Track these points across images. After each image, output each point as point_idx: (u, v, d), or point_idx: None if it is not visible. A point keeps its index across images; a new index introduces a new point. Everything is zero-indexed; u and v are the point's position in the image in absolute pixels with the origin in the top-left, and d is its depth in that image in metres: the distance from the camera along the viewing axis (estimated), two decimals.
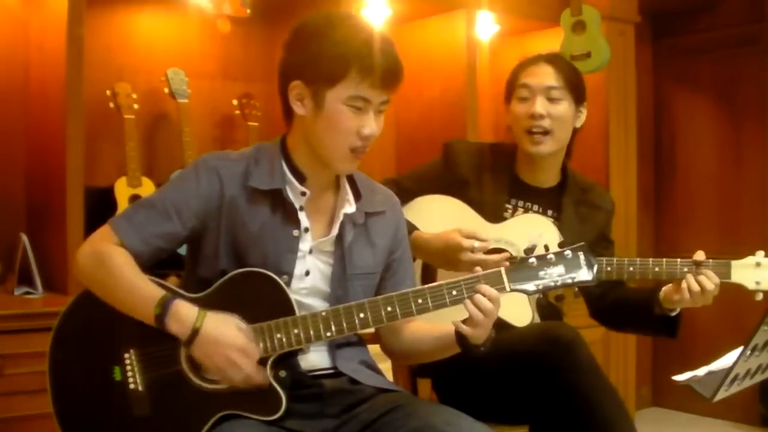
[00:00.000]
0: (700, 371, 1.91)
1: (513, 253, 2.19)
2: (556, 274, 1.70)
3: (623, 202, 3.92)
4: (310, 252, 1.77)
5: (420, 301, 1.68)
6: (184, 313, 1.64)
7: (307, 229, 1.77)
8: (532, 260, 1.71)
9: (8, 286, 2.70)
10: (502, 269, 1.71)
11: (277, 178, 1.75)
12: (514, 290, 1.70)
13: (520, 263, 1.71)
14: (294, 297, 1.70)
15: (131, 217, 1.74)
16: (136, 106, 2.95)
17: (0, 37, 2.89)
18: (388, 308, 1.68)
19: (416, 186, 2.32)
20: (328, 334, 1.67)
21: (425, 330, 1.87)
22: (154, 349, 1.67)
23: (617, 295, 2.28)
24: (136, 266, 1.69)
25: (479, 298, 1.66)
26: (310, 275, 1.77)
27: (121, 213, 1.78)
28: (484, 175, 2.32)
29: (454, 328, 1.71)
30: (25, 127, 2.90)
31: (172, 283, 1.73)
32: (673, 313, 2.14)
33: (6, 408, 2.35)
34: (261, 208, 1.75)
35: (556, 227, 2.21)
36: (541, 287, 1.71)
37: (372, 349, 1.93)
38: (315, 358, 1.77)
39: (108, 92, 2.93)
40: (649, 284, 2.21)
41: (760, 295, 2.08)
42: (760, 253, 2.08)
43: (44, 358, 1.72)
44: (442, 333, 1.79)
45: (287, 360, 1.68)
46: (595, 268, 1.71)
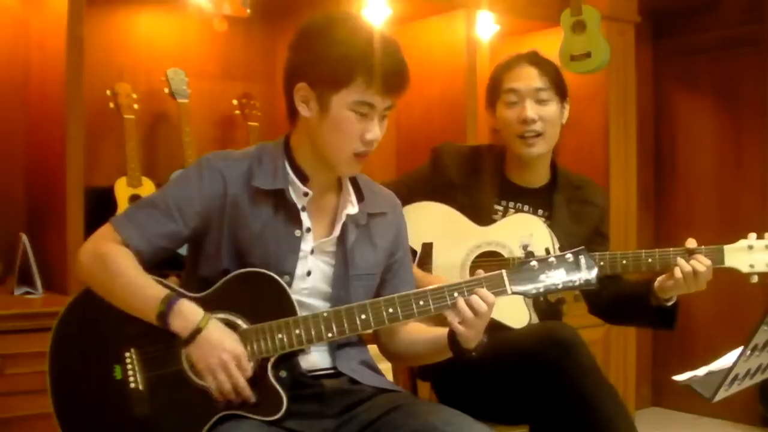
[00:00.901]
0: (700, 371, 1.90)
1: (505, 255, 2.19)
2: (558, 277, 1.71)
3: (623, 202, 3.92)
4: (312, 252, 1.77)
5: (422, 302, 1.68)
6: (190, 311, 1.64)
7: (309, 230, 1.77)
8: (534, 263, 1.71)
9: (8, 286, 2.69)
10: (504, 272, 1.70)
11: (280, 178, 1.75)
12: (516, 293, 1.70)
13: (521, 266, 1.72)
14: (295, 297, 1.70)
15: (134, 216, 1.74)
16: (136, 106, 2.95)
17: (0, 37, 2.89)
18: (390, 309, 1.68)
19: (406, 191, 2.29)
20: (330, 335, 1.67)
21: (420, 332, 1.87)
22: (155, 348, 1.67)
23: (614, 290, 2.27)
24: (139, 265, 1.69)
25: (475, 299, 1.66)
26: (312, 275, 1.77)
27: (124, 212, 1.78)
28: (472, 178, 2.32)
29: (447, 332, 1.71)
30: (25, 127, 2.90)
31: (172, 283, 1.73)
32: (670, 303, 2.13)
33: (6, 408, 2.35)
34: (263, 208, 1.74)
35: (547, 226, 2.22)
36: (542, 290, 1.71)
37: (372, 349, 1.93)
38: (315, 358, 1.77)
39: (108, 92, 2.93)
40: (647, 277, 2.21)
41: (755, 278, 2.05)
42: (752, 236, 2.06)
43: (44, 358, 1.72)
44: (436, 336, 1.79)
45: (288, 360, 1.68)
46: (596, 271, 1.71)
